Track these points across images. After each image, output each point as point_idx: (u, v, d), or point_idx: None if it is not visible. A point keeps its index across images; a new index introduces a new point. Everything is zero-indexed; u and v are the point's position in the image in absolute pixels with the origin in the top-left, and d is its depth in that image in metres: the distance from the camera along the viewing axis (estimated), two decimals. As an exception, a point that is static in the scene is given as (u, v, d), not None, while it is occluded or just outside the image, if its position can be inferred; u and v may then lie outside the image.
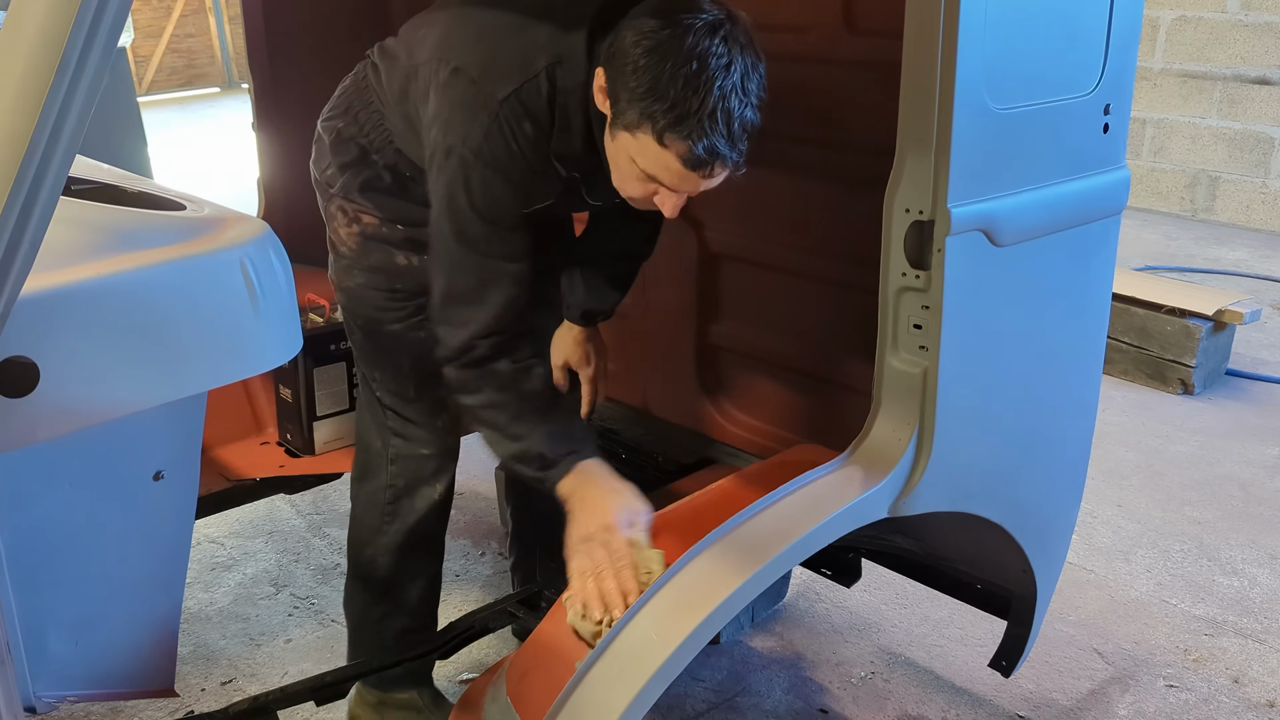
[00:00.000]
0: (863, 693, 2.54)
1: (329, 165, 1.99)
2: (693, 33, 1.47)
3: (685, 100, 1.47)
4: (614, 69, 1.55)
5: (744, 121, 1.51)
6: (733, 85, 1.48)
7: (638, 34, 1.52)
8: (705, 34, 1.47)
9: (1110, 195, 1.91)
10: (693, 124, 1.47)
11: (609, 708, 1.46)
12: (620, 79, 1.53)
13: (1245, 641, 2.74)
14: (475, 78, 1.67)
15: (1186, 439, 3.88)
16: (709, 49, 1.47)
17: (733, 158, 1.53)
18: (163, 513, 1.75)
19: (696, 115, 1.47)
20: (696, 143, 1.49)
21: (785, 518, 1.66)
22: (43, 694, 1.65)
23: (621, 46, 1.53)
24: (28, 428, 1.36)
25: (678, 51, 1.47)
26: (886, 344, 1.71)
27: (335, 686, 1.95)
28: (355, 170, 1.95)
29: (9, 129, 1.05)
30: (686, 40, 1.47)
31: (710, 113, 1.47)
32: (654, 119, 1.49)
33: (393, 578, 2.15)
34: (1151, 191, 6.97)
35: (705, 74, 1.46)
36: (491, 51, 1.69)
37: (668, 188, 1.59)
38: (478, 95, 1.66)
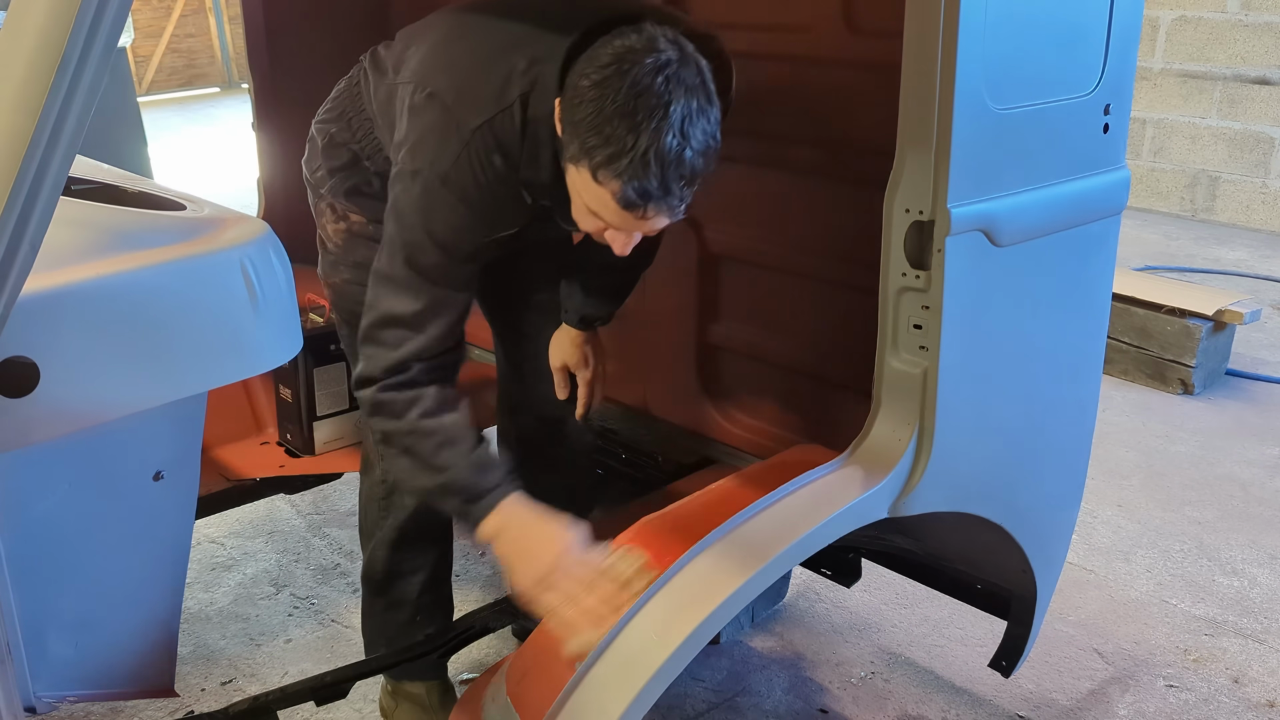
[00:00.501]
0: (863, 693, 2.54)
1: (319, 167, 2.01)
2: (636, 71, 1.44)
3: (619, 139, 1.44)
4: (564, 100, 1.53)
5: (681, 165, 1.46)
6: (670, 128, 1.43)
7: (588, 66, 1.50)
8: (649, 73, 1.44)
9: (1110, 195, 1.91)
10: (624, 163, 1.44)
11: (609, 708, 1.46)
12: (568, 111, 1.51)
13: (1245, 641, 2.74)
14: (449, 104, 1.66)
15: (1186, 439, 3.88)
16: (649, 88, 1.43)
17: (668, 202, 1.48)
18: (163, 513, 1.75)
19: (629, 155, 1.43)
20: (627, 183, 1.45)
21: (785, 518, 1.66)
22: (43, 694, 1.65)
23: (574, 78, 1.52)
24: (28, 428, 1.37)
25: (618, 89, 1.44)
26: (886, 344, 1.71)
27: (335, 686, 1.95)
28: (345, 174, 1.97)
29: (9, 129, 1.05)
30: (628, 79, 1.44)
31: (643, 153, 1.43)
32: (590, 154, 1.47)
33: (392, 570, 2.17)
34: (1151, 191, 6.97)
35: (641, 114, 1.43)
36: (468, 78, 1.67)
37: (610, 225, 1.57)
38: (450, 122, 1.65)
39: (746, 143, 2.24)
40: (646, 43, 1.47)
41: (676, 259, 2.40)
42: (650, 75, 1.44)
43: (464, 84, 1.67)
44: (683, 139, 1.44)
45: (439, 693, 2.27)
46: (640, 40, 1.48)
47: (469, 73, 1.68)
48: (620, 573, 1.58)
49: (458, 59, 1.71)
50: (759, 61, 2.24)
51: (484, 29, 1.75)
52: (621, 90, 1.44)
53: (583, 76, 1.50)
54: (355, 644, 2.69)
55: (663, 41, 1.48)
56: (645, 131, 1.43)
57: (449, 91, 1.67)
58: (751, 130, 2.24)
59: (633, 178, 1.45)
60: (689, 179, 1.48)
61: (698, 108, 1.47)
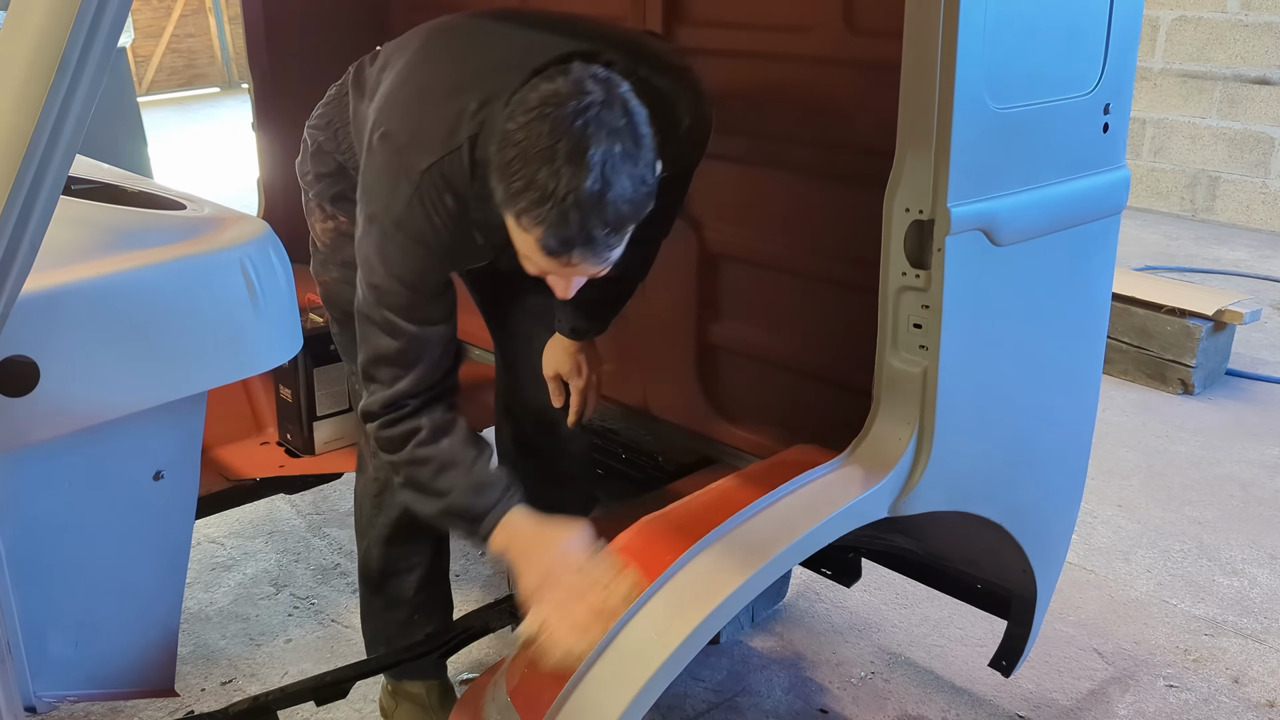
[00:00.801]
0: (863, 693, 2.54)
1: (309, 171, 2.05)
2: (557, 115, 1.41)
3: (540, 185, 1.40)
4: (494, 145, 1.50)
5: (602, 211, 1.41)
6: (590, 173, 1.39)
7: (516, 110, 1.47)
8: (570, 117, 1.41)
9: (1110, 195, 1.91)
10: (545, 210, 1.41)
11: (609, 708, 1.46)
12: (495, 156, 1.48)
13: (1245, 641, 2.74)
14: (400, 146, 1.65)
15: (1186, 439, 3.88)
16: (569, 132, 1.40)
17: (593, 249, 1.44)
18: (163, 513, 1.75)
19: (549, 201, 1.40)
20: (549, 230, 1.42)
21: (785, 518, 1.66)
22: (43, 694, 1.65)
23: (502, 123, 1.49)
24: (28, 427, 1.37)
25: (539, 134, 1.41)
26: (886, 343, 1.71)
27: (335, 686, 1.95)
28: (331, 180, 2.00)
29: (9, 129, 1.05)
30: (548, 123, 1.41)
31: (562, 200, 1.39)
32: (513, 201, 1.44)
33: (387, 568, 2.17)
34: (1151, 191, 6.97)
35: (560, 160, 1.39)
36: (420, 119, 1.66)
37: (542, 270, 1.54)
38: (400, 165, 1.64)
39: (746, 143, 2.24)
40: (572, 86, 1.44)
41: (676, 259, 2.40)
42: (571, 119, 1.40)
43: (415, 125, 1.66)
44: (604, 184, 1.40)
45: (439, 693, 2.27)
46: (566, 84, 1.44)
47: (421, 113, 1.67)
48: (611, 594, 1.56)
49: (412, 98, 1.70)
50: (759, 61, 2.25)
51: (444, 62, 1.74)
52: (543, 135, 1.41)
53: (509, 120, 1.46)
54: (355, 644, 2.69)
55: (590, 83, 1.44)
56: (564, 177, 1.39)
57: (401, 133, 1.66)
58: (751, 130, 2.24)
59: (554, 225, 1.41)
60: (614, 225, 1.44)
61: (622, 151, 1.42)
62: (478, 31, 1.77)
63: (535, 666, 1.57)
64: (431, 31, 1.83)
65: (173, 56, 12.72)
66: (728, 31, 2.28)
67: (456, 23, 1.84)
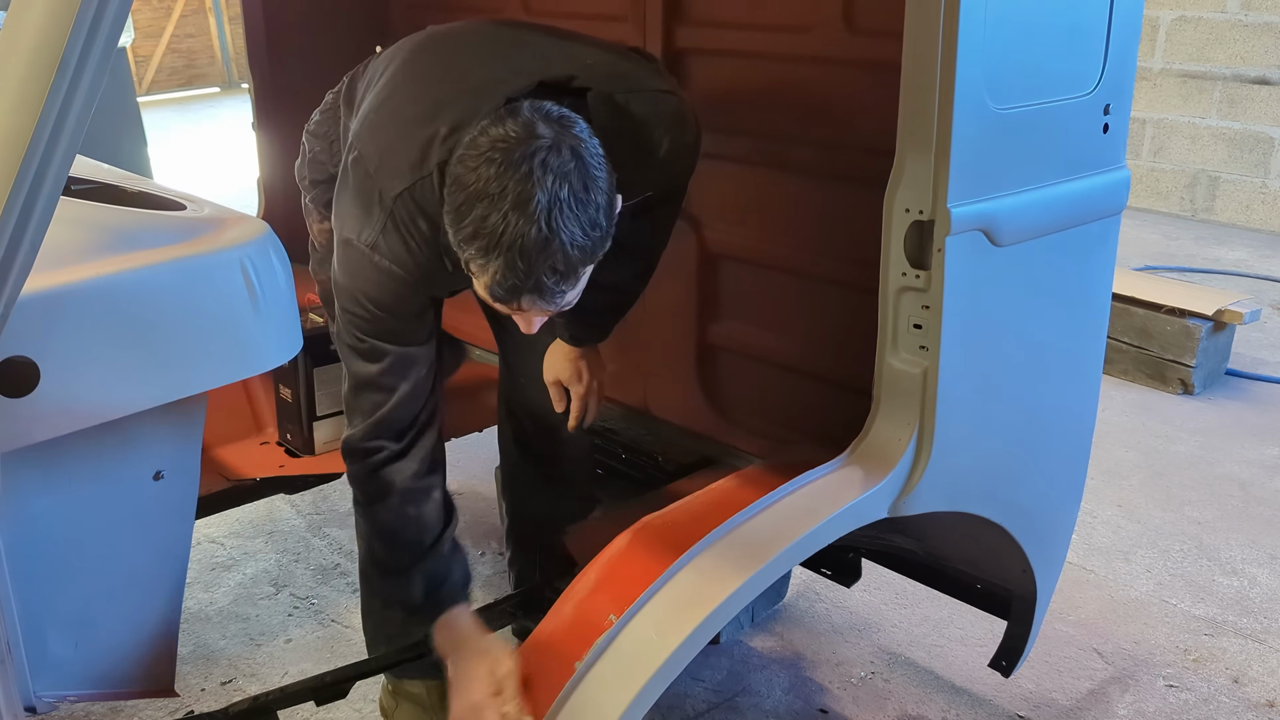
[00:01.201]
0: (863, 693, 2.54)
1: (305, 176, 2.13)
2: (504, 161, 1.39)
3: (485, 234, 1.38)
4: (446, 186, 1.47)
5: (548, 258, 1.39)
6: (535, 221, 1.37)
7: (467, 152, 1.44)
8: (517, 163, 1.38)
9: (1110, 195, 1.91)
10: (491, 258, 1.39)
11: (609, 708, 1.46)
12: (446, 198, 1.46)
13: (1245, 641, 2.74)
14: (371, 171, 1.65)
15: (1186, 439, 3.88)
16: (515, 179, 1.37)
17: (541, 295, 1.43)
18: (163, 513, 1.75)
19: (495, 250, 1.38)
20: (495, 278, 1.41)
21: (785, 518, 1.66)
22: (43, 694, 1.65)
23: (453, 165, 1.46)
24: (28, 427, 1.37)
25: (486, 179, 1.39)
26: (886, 344, 1.71)
27: (335, 686, 1.95)
28: (325, 188, 2.04)
29: (9, 129, 1.05)
30: (494, 168, 1.38)
31: (507, 248, 1.37)
32: (462, 247, 1.43)
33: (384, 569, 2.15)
34: (1151, 191, 6.97)
35: (506, 207, 1.37)
36: (391, 144, 1.65)
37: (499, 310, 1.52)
38: (373, 189, 1.63)
39: (746, 143, 2.24)
40: (522, 129, 1.41)
41: (676, 259, 2.40)
42: (517, 164, 1.38)
43: (386, 149, 1.65)
44: (550, 232, 1.37)
45: (439, 693, 2.26)
46: (515, 126, 1.41)
47: (393, 138, 1.66)
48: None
49: (385, 122, 1.69)
50: (759, 61, 2.25)
51: (419, 85, 1.73)
52: (490, 180, 1.38)
53: (460, 163, 1.44)
54: (355, 644, 2.69)
55: (540, 126, 1.41)
56: (510, 225, 1.36)
57: (373, 158, 1.66)
58: (751, 130, 2.24)
59: (501, 273, 1.40)
60: (563, 271, 1.41)
61: (570, 197, 1.39)
62: (456, 53, 1.76)
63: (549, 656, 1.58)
64: (413, 50, 1.82)
65: (173, 56, 12.71)
66: (727, 31, 2.28)
67: (436, 42, 1.83)
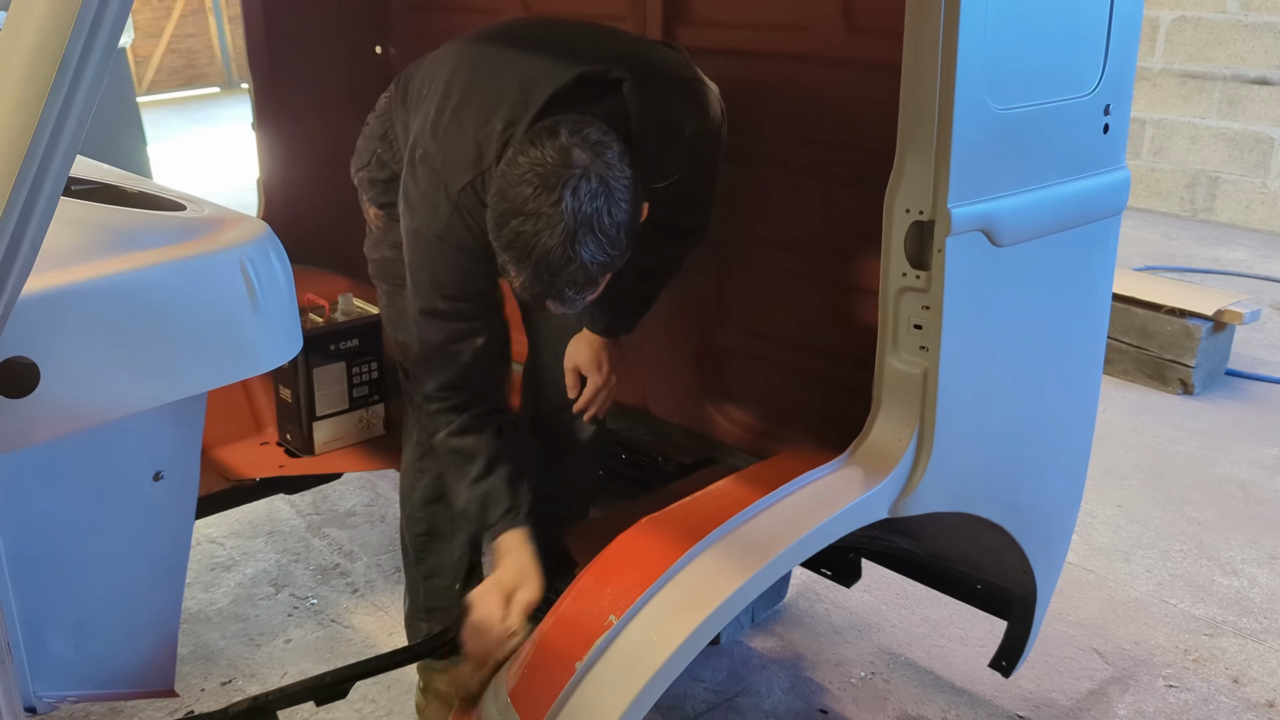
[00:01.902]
0: (863, 693, 2.54)
1: (364, 177, 2.23)
2: (541, 183, 1.56)
3: (517, 247, 1.58)
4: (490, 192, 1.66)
5: (569, 274, 1.58)
6: (560, 244, 1.55)
7: (507, 164, 1.62)
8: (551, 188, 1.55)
9: (1110, 195, 1.91)
10: (520, 267, 1.60)
11: (609, 708, 1.46)
12: (492, 202, 1.64)
13: (1245, 641, 2.74)
14: (437, 167, 1.83)
15: (1186, 439, 3.88)
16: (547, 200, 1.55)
17: (562, 303, 1.64)
18: (163, 513, 1.75)
19: (524, 263, 1.58)
20: (522, 284, 1.62)
21: (785, 518, 1.66)
22: (43, 694, 1.65)
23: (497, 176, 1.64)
24: (28, 428, 1.36)
25: (523, 198, 1.57)
26: (886, 344, 1.71)
27: (335, 686, 1.95)
28: (384, 188, 2.18)
29: (9, 129, 1.05)
30: (530, 188, 1.56)
31: (534, 265, 1.57)
32: (500, 250, 1.63)
33: (431, 529, 2.27)
34: (1151, 191, 6.97)
35: (536, 225, 1.55)
36: (455, 140, 1.82)
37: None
38: (439, 184, 1.82)
39: (747, 142, 2.24)
40: (558, 155, 1.58)
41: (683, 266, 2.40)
42: (551, 188, 1.55)
43: (450, 147, 1.83)
44: (572, 253, 1.56)
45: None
46: (553, 151, 1.58)
47: (455, 136, 1.83)
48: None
49: (447, 123, 1.85)
50: (759, 61, 2.25)
51: (473, 84, 1.87)
52: (526, 200, 1.56)
53: (503, 176, 1.62)
54: (355, 644, 2.70)
55: (576, 154, 1.58)
56: (539, 243, 1.56)
57: (437, 155, 1.84)
58: (751, 130, 2.24)
59: (528, 280, 1.61)
60: (581, 284, 1.61)
61: (594, 222, 1.56)
62: (504, 51, 1.91)
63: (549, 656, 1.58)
64: (462, 54, 1.97)
65: (173, 56, 12.70)
66: (728, 31, 2.28)
67: (484, 43, 1.98)
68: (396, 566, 2.97)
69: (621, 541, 1.68)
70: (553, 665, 1.56)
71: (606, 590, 1.60)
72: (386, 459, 2.79)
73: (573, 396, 2.20)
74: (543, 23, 2.16)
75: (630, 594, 1.56)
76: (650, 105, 1.80)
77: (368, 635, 2.73)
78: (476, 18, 2.79)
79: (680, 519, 1.71)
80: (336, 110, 2.88)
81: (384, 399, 2.85)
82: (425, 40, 2.48)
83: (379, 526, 3.25)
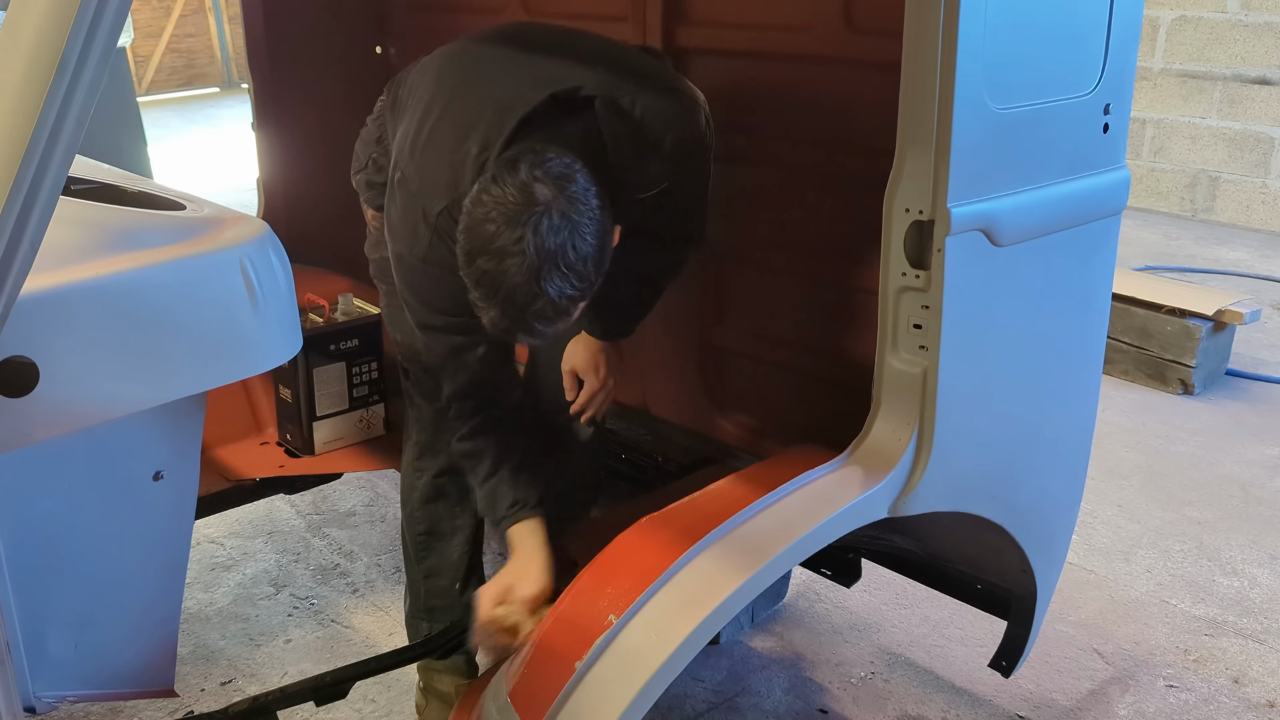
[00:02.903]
0: (863, 693, 2.54)
1: (363, 181, 2.23)
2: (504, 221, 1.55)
3: (484, 285, 1.58)
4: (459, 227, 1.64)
5: (536, 310, 1.58)
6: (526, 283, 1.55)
7: (471, 201, 1.61)
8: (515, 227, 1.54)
9: (1110, 195, 1.91)
10: (488, 305, 1.59)
11: (609, 708, 1.46)
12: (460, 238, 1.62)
13: (1245, 641, 2.74)
14: (414, 191, 1.83)
15: (1186, 439, 3.88)
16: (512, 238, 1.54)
17: (529, 337, 1.64)
18: (163, 513, 1.75)
19: (493, 299, 1.58)
20: (492, 321, 1.61)
21: (785, 518, 1.66)
22: (43, 694, 1.65)
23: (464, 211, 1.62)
24: (28, 428, 1.36)
25: (488, 236, 1.56)
26: (886, 344, 1.71)
27: (335, 687, 1.96)
28: (382, 190, 2.14)
29: (9, 129, 1.05)
30: (494, 226, 1.55)
31: (501, 302, 1.57)
32: (470, 287, 1.62)
33: (432, 528, 2.28)
34: (1151, 191, 6.97)
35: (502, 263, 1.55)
36: (431, 163, 1.82)
37: None
38: (417, 208, 1.82)
39: (746, 143, 2.24)
40: (520, 194, 1.56)
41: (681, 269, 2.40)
42: (514, 228, 1.54)
43: (426, 170, 1.83)
44: (538, 289, 1.56)
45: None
46: (514, 190, 1.56)
47: (430, 159, 1.83)
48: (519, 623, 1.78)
49: (423, 144, 1.85)
50: (759, 61, 2.25)
51: (449, 104, 1.86)
52: (491, 239, 1.55)
53: (468, 214, 1.60)
54: (355, 644, 2.70)
55: (538, 189, 1.56)
56: (505, 281, 1.55)
57: (415, 178, 1.84)
58: (751, 130, 2.24)
59: (497, 317, 1.60)
60: (550, 317, 1.60)
61: (558, 258, 1.55)
62: (479, 68, 1.91)
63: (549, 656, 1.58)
64: (443, 68, 1.96)
65: (173, 56, 12.70)
66: (728, 31, 2.28)
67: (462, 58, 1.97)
68: (396, 566, 2.97)
69: (621, 541, 1.68)
70: (553, 665, 1.56)
71: (606, 590, 1.60)
72: (386, 459, 2.79)
73: (570, 399, 2.20)
74: (526, 31, 2.13)
75: (630, 594, 1.56)
76: (623, 123, 1.79)
77: (368, 635, 2.73)
78: (476, 17, 2.79)
79: (680, 519, 1.71)
80: (336, 110, 2.87)
81: (384, 399, 2.85)
82: (425, 40, 2.48)
83: (379, 526, 3.25)
